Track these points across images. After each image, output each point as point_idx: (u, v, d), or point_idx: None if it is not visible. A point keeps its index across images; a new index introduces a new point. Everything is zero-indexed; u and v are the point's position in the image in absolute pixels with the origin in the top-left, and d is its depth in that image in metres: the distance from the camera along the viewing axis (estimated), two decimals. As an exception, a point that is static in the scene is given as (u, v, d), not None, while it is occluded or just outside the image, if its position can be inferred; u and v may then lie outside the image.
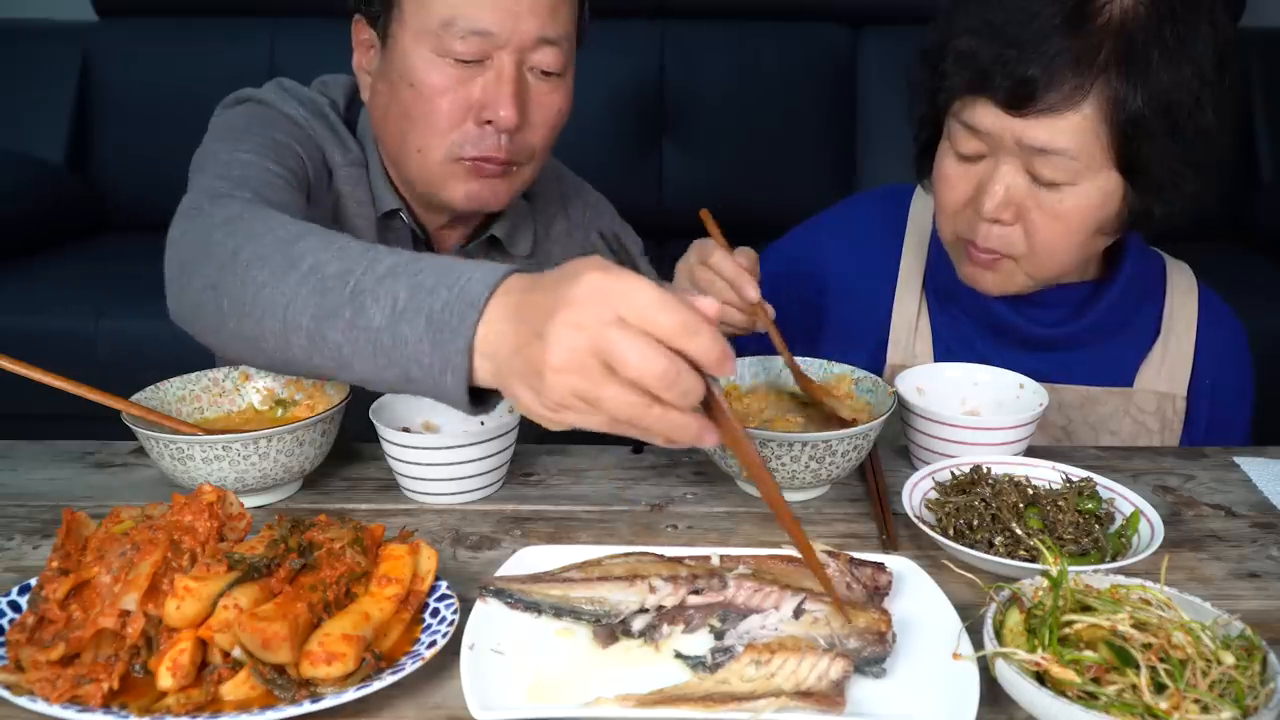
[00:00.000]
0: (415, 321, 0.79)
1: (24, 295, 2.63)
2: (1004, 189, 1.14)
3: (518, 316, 0.75)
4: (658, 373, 0.68)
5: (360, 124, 1.32)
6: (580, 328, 0.69)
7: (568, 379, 0.70)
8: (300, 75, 1.35)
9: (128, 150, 3.15)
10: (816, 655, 0.77)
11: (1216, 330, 1.34)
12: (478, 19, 1.14)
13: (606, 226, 1.49)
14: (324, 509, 1.03)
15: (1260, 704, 0.70)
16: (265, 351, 0.92)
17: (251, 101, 1.26)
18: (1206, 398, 1.33)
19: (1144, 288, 1.33)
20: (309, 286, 0.86)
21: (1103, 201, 1.14)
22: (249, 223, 0.96)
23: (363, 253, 0.86)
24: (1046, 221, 1.14)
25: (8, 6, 3.27)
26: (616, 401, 0.70)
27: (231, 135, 1.19)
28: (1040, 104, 1.08)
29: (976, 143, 1.15)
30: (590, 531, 1.02)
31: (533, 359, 0.72)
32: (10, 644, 0.77)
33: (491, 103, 1.17)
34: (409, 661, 0.76)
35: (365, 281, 0.83)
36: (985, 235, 1.18)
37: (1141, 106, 1.07)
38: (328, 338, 0.85)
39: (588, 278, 0.70)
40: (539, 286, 0.75)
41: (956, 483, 1.04)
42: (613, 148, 3.08)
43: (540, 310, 0.72)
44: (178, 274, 1.01)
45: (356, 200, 1.28)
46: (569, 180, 1.49)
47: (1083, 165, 1.10)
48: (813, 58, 3.19)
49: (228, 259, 0.93)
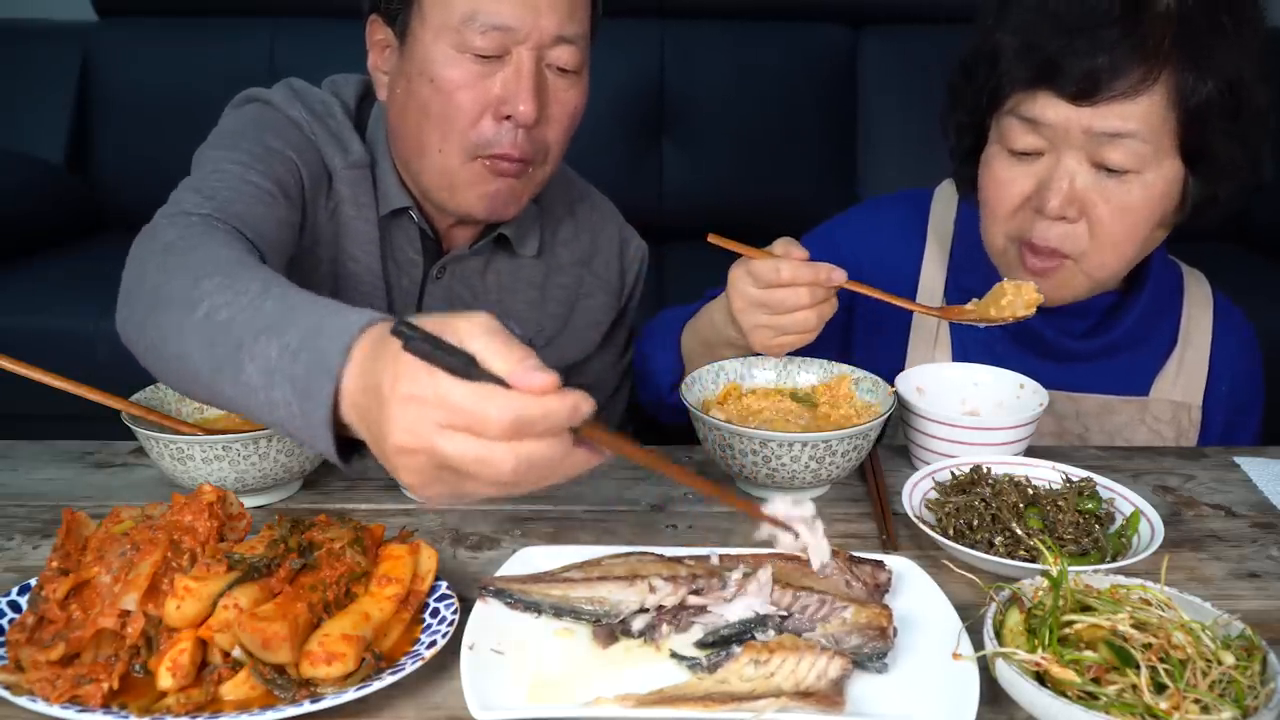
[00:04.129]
0: (283, 387, 0.77)
1: (24, 295, 2.62)
2: (1068, 183, 1.13)
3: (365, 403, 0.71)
4: (506, 472, 0.65)
5: (370, 124, 1.32)
6: (410, 452, 0.67)
7: (430, 491, 0.70)
8: (300, 75, 1.34)
9: (128, 150, 3.14)
10: (815, 654, 0.77)
11: (1231, 338, 1.34)
12: (498, 14, 1.14)
13: (612, 232, 1.50)
14: (324, 509, 1.03)
15: (1260, 704, 0.70)
16: (184, 390, 0.95)
17: (258, 103, 1.27)
18: (1222, 405, 1.32)
19: (1164, 298, 1.32)
20: (202, 337, 0.85)
21: (1166, 190, 1.13)
22: (177, 253, 0.97)
23: (253, 298, 0.84)
24: (1114, 214, 1.13)
25: (8, 6, 3.26)
26: (484, 491, 0.68)
27: (227, 140, 1.20)
28: (1109, 91, 1.07)
29: (1034, 138, 1.14)
30: (590, 531, 1.02)
31: (388, 464, 0.70)
32: (10, 644, 0.77)
33: (511, 97, 1.17)
34: (409, 661, 0.76)
35: (245, 336, 0.81)
36: (1045, 234, 1.16)
37: (1211, 90, 1.08)
38: (221, 392, 0.84)
39: (398, 399, 0.67)
40: (371, 373, 0.71)
41: (956, 483, 1.04)
42: (613, 148, 3.08)
43: (373, 418, 0.70)
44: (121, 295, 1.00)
45: (357, 203, 1.28)
46: (577, 185, 1.50)
47: (1151, 150, 1.10)
48: (813, 58, 3.18)
49: (150, 296, 0.94)
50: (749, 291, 1.11)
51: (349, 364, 0.73)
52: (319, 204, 1.26)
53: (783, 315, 1.10)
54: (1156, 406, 1.31)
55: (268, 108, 1.26)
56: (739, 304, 1.12)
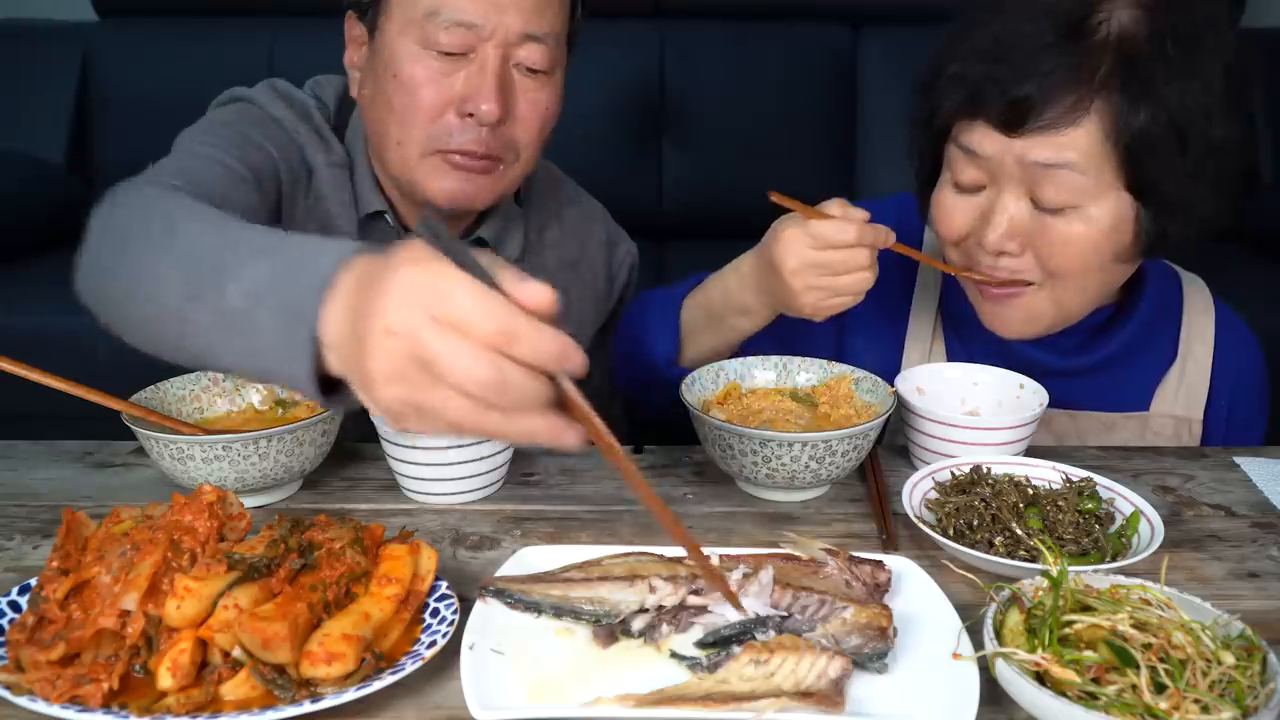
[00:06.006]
0: (269, 307, 0.73)
1: (24, 295, 2.62)
2: (1007, 219, 1.10)
3: (352, 310, 0.68)
4: (482, 381, 0.62)
5: (350, 126, 1.32)
6: (393, 334, 0.63)
7: (393, 389, 0.65)
8: (300, 75, 1.35)
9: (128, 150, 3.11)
10: (815, 654, 0.77)
11: (1233, 349, 1.31)
12: (462, 10, 1.14)
13: (600, 234, 1.49)
14: (324, 509, 1.03)
15: (1260, 704, 0.70)
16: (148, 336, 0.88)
17: (241, 101, 1.28)
18: (1223, 418, 1.30)
19: (1162, 310, 1.29)
20: (179, 267, 0.82)
21: (1115, 225, 1.09)
22: (150, 205, 0.94)
23: (239, 229, 0.82)
24: (1057, 249, 1.10)
25: (8, 6, 3.26)
26: (449, 409, 0.64)
27: (204, 130, 1.20)
28: (1038, 121, 1.05)
29: (976, 171, 1.12)
30: (590, 531, 1.02)
31: (359, 366, 0.66)
32: (10, 644, 0.77)
33: (474, 95, 1.16)
34: (409, 661, 0.76)
35: (230, 259, 0.78)
36: (993, 266, 1.14)
37: (1147, 123, 1.03)
38: (194, 322, 0.80)
39: (400, 274, 0.64)
40: (368, 276, 0.68)
41: (956, 483, 1.04)
42: (612, 148, 3.08)
43: (358, 310, 0.67)
44: (81, 253, 0.98)
45: (339, 202, 1.28)
46: (567, 188, 1.49)
47: (1090, 183, 1.06)
48: (813, 58, 3.19)
49: (119, 241, 0.91)
50: (806, 253, 1.10)
51: (338, 283, 0.70)
52: (297, 200, 1.25)
53: (840, 276, 1.10)
54: (1157, 422, 1.29)
55: (250, 106, 1.26)
56: (793, 264, 1.11)
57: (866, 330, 1.34)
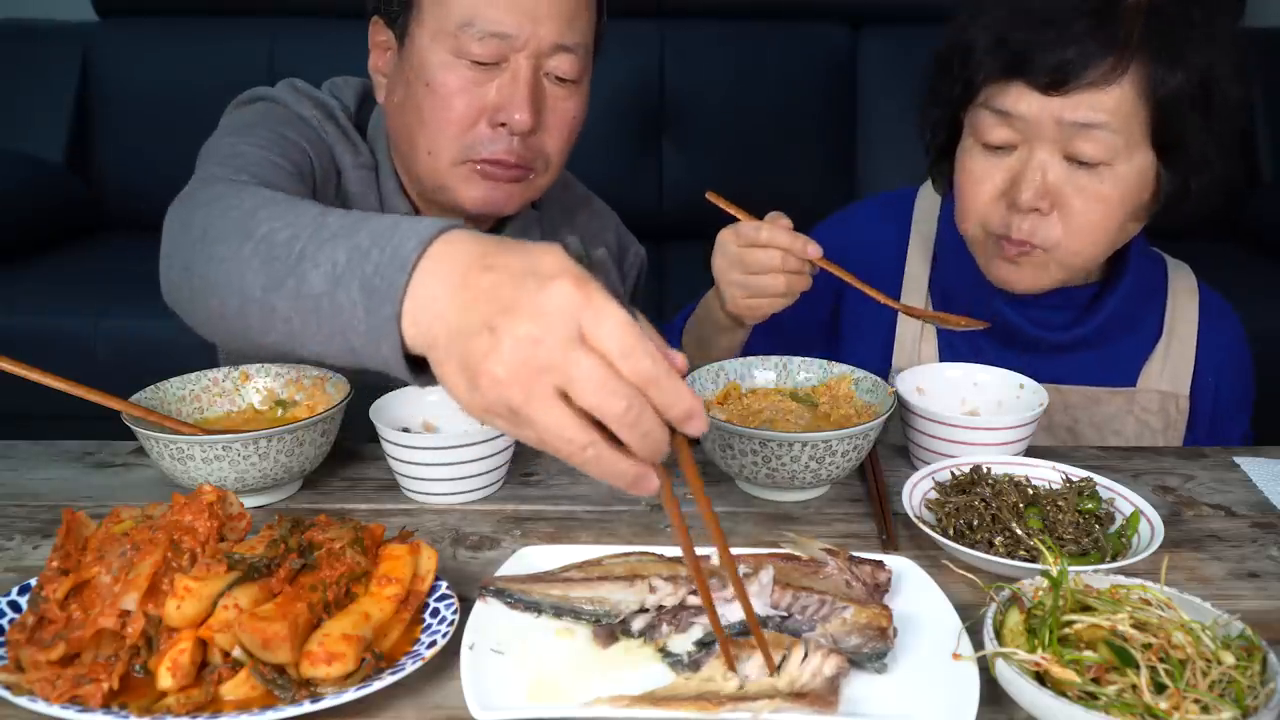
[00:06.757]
0: (350, 287, 0.73)
1: (24, 295, 2.63)
2: (1041, 175, 1.15)
3: (464, 288, 0.67)
4: (615, 413, 0.62)
5: (371, 127, 1.32)
6: (539, 343, 0.62)
7: (506, 391, 0.64)
8: (299, 75, 1.35)
9: (128, 150, 3.15)
10: (811, 652, 0.77)
11: (1217, 329, 1.35)
12: (496, 21, 1.14)
13: (611, 239, 1.49)
14: (324, 509, 1.03)
15: (1260, 704, 0.70)
16: (233, 330, 0.88)
17: (265, 100, 1.27)
18: (1210, 395, 1.34)
19: (1147, 289, 1.34)
20: (260, 256, 0.82)
21: (1139, 182, 1.16)
22: (225, 199, 0.94)
23: (316, 216, 0.82)
24: (1086, 205, 1.15)
25: (8, 6, 3.27)
26: (554, 428, 0.63)
27: (240, 129, 1.20)
28: (1079, 81, 1.10)
29: (1007, 131, 1.16)
30: (590, 531, 1.02)
31: (474, 355, 0.65)
32: (10, 644, 0.77)
33: (507, 105, 1.17)
34: (409, 661, 0.76)
35: (309, 247, 0.78)
36: (1019, 227, 1.18)
37: (1181, 83, 1.10)
38: (276, 309, 0.80)
39: (560, 286, 0.63)
40: (496, 264, 0.66)
41: (956, 483, 1.04)
42: (612, 148, 3.08)
43: (496, 301, 0.65)
44: (162, 258, 0.99)
45: (367, 204, 1.28)
46: (577, 191, 1.49)
47: (1122, 142, 1.12)
48: (812, 58, 3.19)
49: (198, 238, 0.91)
50: (730, 249, 1.17)
51: (425, 258, 0.69)
52: (327, 199, 1.25)
53: (755, 275, 1.15)
54: (1144, 397, 1.33)
55: (276, 105, 1.26)
56: (719, 261, 1.18)
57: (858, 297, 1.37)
